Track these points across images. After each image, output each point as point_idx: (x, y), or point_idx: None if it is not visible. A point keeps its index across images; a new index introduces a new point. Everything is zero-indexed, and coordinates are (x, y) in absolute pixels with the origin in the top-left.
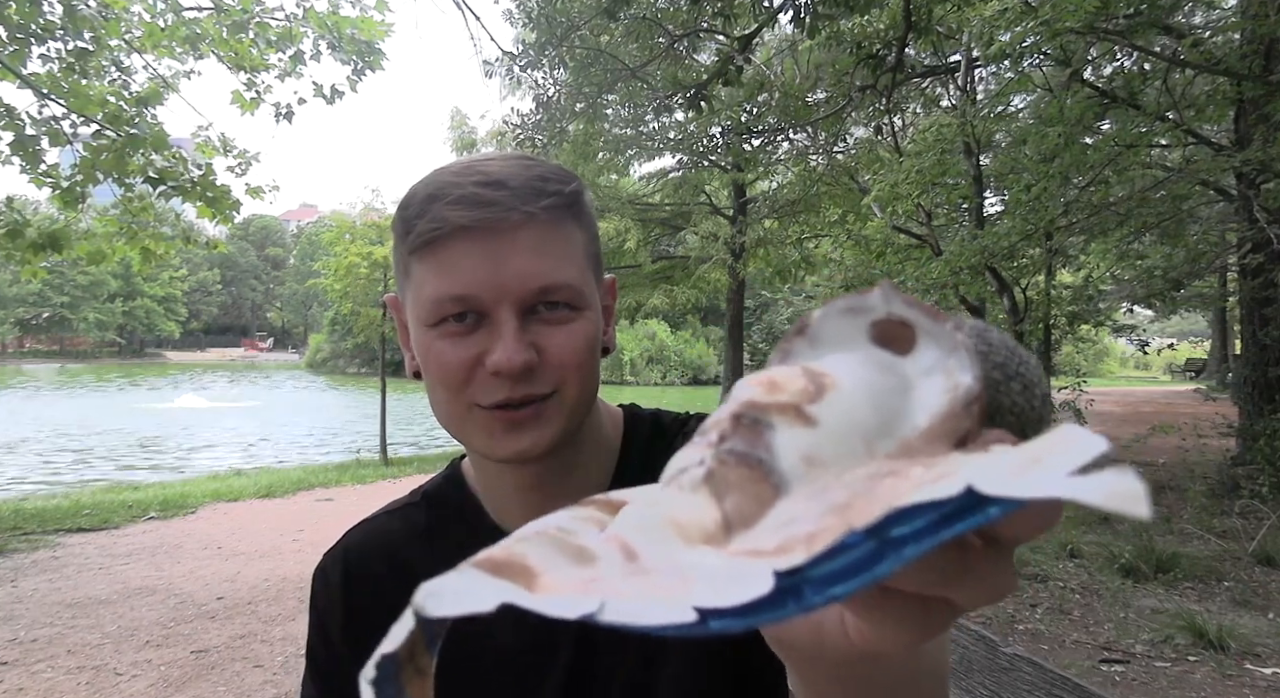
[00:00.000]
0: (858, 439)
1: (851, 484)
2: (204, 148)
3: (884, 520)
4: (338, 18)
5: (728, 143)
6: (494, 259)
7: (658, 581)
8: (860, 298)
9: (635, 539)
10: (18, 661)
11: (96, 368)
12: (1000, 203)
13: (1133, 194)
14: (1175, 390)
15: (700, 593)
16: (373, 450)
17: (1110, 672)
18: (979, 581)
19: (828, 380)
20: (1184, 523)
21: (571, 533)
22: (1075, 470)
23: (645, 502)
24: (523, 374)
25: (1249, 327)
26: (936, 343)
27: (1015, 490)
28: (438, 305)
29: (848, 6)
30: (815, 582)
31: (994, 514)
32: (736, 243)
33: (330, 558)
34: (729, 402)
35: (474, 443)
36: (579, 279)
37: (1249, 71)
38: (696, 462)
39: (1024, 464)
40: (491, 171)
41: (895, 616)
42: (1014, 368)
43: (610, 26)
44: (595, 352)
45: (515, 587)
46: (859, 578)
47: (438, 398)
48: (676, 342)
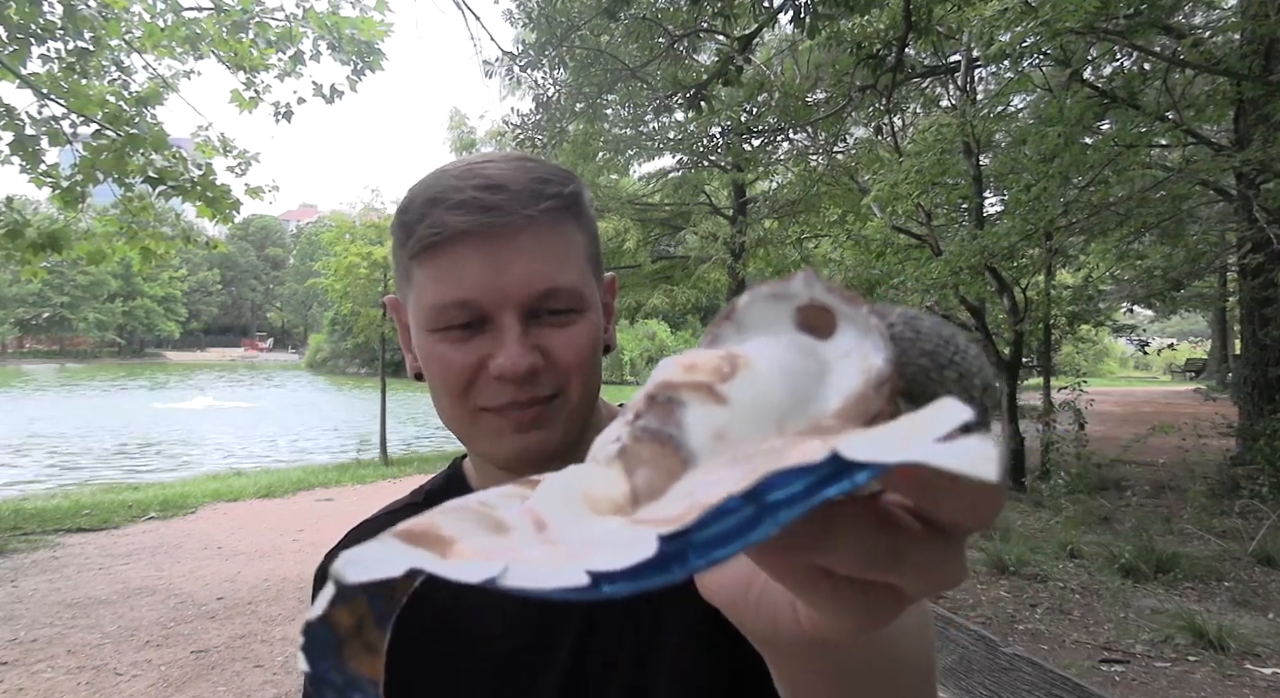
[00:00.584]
0: (769, 418)
1: (750, 457)
2: (204, 148)
3: (759, 486)
4: (337, 18)
5: (728, 143)
6: (495, 264)
7: (562, 548)
8: (784, 284)
9: (547, 511)
10: (18, 661)
11: (96, 368)
12: (1000, 203)
13: (1133, 194)
14: (1175, 390)
15: (596, 559)
16: (373, 450)
17: (1110, 672)
18: (919, 567)
19: (742, 361)
20: (1184, 523)
21: (491, 507)
22: (940, 437)
23: (562, 477)
24: (527, 378)
25: (1249, 327)
26: (854, 327)
27: (878, 456)
28: (440, 311)
29: (848, 6)
30: (698, 546)
31: (861, 480)
32: (736, 243)
33: (330, 559)
34: (648, 382)
35: (480, 446)
36: (580, 281)
37: (1249, 71)
38: (613, 439)
39: (897, 434)
40: (491, 175)
41: (837, 601)
42: (946, 357)
43: (610, 26)
44: (598, 352)
45: (429, 554)
46: (739, 541)
47: (441, 402)
48: (676, 342)
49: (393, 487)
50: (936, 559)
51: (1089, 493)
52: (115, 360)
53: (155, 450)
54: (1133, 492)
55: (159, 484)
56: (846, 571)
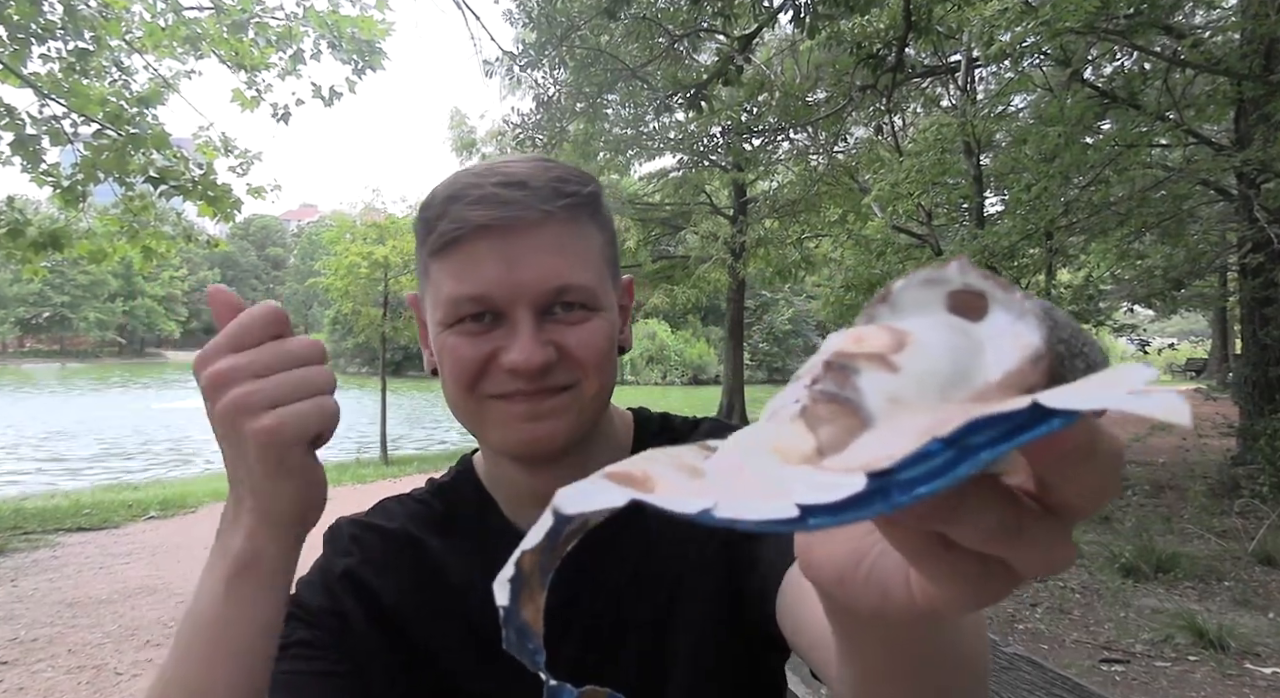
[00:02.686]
0: (935, 386)
1: (938, 416)
2: (205, 148)
3: (963, 429)
4: (338, 17)
5: (728, 143)
6: (511, 258)
7: (763, 486)
8: (938, 271)
9: (741, 459)
10: (18, 660)
11: (97, 367)
12: (1000, 202)
13: (1133, 194)
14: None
15: (801, 495)
16: (373, 450)
17: (1110, 671)
18: (1035, 545)
19: (908, 337)
20: (1184, 523)
21: (682, 458)
22: (1130, 391)
23: (748, 432)
24: (540, 372)
25: (1249, 326)
26: (1006, 310)
27: (1075, 404)
28: (455, 306)
29: (848, 6)
30: (902, 484)
31: (1056, 425)
32: (736, 243)
33: (345, 522)
34: (819, 352)
35: (490, 436)
36: (595, 280)
37: (1249, 71)
38: (793, 400)
39: (1088, 387)
40: (512, 172)
41: (955, 572)
42: (1078, 346)
43: (610, 26)
44: (613, 350)
45: (635, 490)
46: (942, 479)
47: (451, 393)
48: (677, 341)
49: (393, 486)
50: (1050, 539)
51: None
52: (116, 360)
53: (155, 450)
54: (1133, 491)
55: (159, 484)
56: (969, 542)
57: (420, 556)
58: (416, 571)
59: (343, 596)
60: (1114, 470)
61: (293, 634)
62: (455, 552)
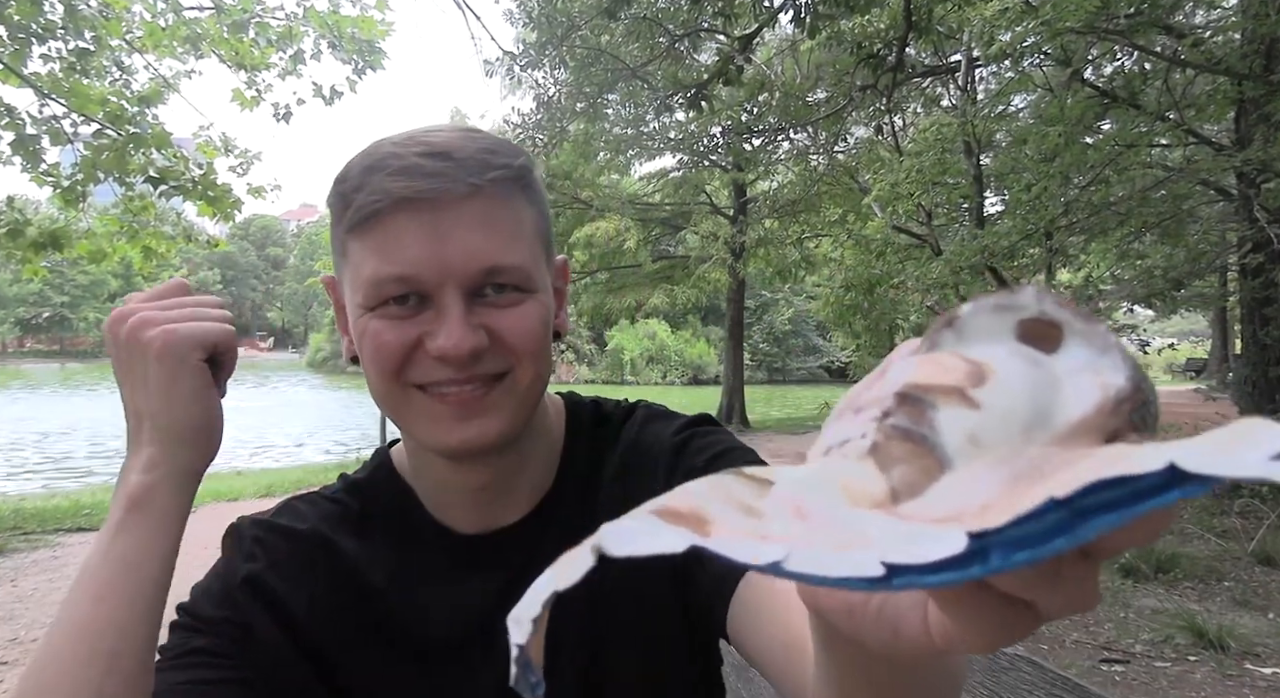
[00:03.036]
0: (1017, 425)
1: (1026, 462)
2: (205, 148)
3: (1082, 491)
4: (338, 17)
5: (728, 142)
6: (437, 235)
7: (836, 534)
8: (1012, 296)
9: (805, 498)
10: (18, 661)
11: (97, 368)
12: (1000, 202)
13: (1133, 194)
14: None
15: (885, 550)
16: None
17: (1110, 672)
18: (1065, 588)
19: (988, 368)
20: (1184, 523)
21: (731, 490)
22: (1272, 456)
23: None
24: (471, 359)
25: (1249, 326)
26: (1088, 343)
27: (1217, 470)
28: (377, 287)
29: (848, 6)
30: (1003, 545)
31: (1194, 492)
32: (737, 242)
33: (247, 523)
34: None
35: (417, 432)
36: (528, 260)
37: (1249, 71)
38: (859, 435)
39: (1218, 449)
40: (435, 142)
41: (983, 615)
42: (1149, 391)
43: (611, 26)
44: (548, 335)
45: (692, 533)
46: (1048, 546)
47: (374, 382)
48: (677, 341)
49: None
50: (1081, 580)
51: None
52: None
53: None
54: None
55: None
56: (1008, 588)
57: (333, 559)
58: (330, 575)
59: (246, 604)
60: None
61: (187, 643)
62: (372, 552)
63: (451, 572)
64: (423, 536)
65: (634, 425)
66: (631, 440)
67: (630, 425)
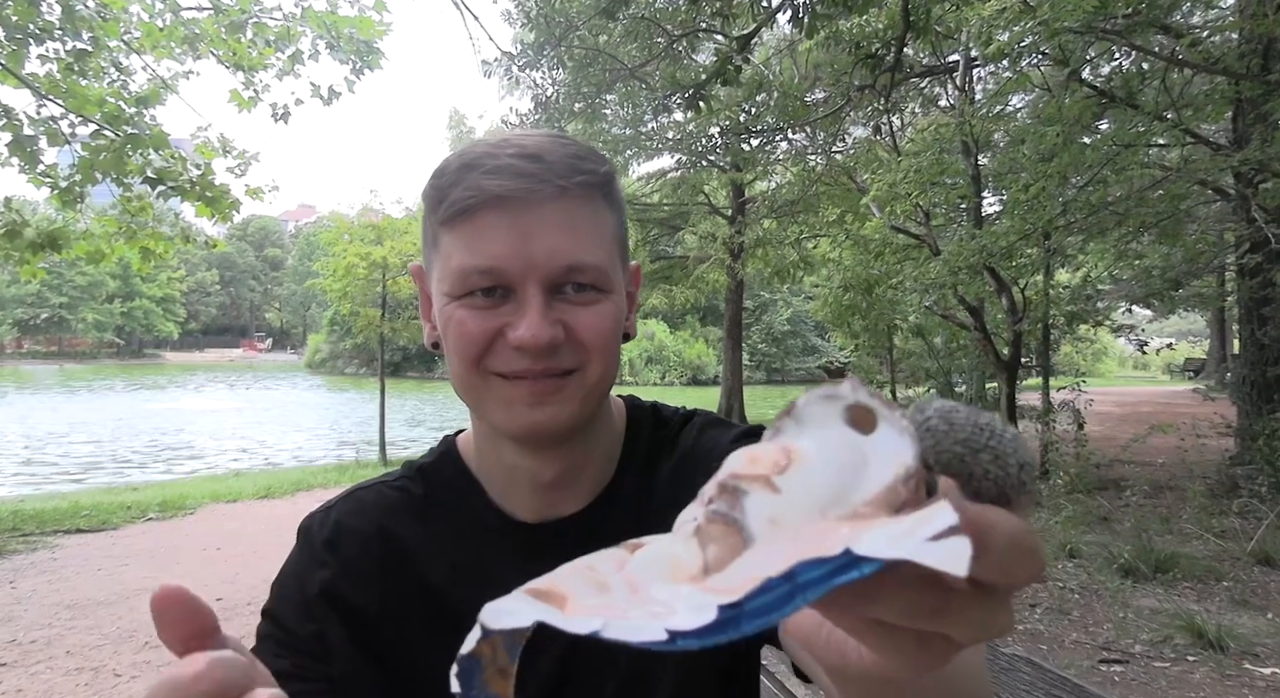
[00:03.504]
0: (815, 506)
1: (795, 540)
2: (203, 148)
3: (792, 570)
4: (336, 17)
5: (726, 143)
6: (524, 232)
7: (649, 608)
8: (835, 388)
9: (639, 576)
10: (17, 662)
11: (95, 369)
12: (998, 202)
13: (1131, 194)
14: (1174, 390)
15: (673, 619)
16: (371, 451)
17: (1110, 672)
18: (968, 620)
19: (795, 455)
20: (1183, 523)
21: (597, 570)
22: (929, 538)
23: (654, 547)
24: (546, 352)
25: (1247, 326)
26: (891, 426)
27: (879, 552)
28: (464, 277)
29: (846, 6)
30: (749, 614)
31: (867, 571)
32: (735, 243)
33: (317, 522)
34: (720, 470)
35: (491, 415)
36: (606, 261)
37: (1247, 71)
38: (691, 518)
39: (899, 533)
40: (528, 145)
41: (890, 645)
42: (981, 441)
43: (609, 26)
44: (619, 335)
45: (550, 609)
46: (777, 612)
47: (455, 368)
48: (675, 342)
49: None
50: (982, 612)
51: (1088, 493)
52: (114, 361)
53: (153, 451)
54: (1132, 492)
55: (158, 485)
56: (895, 621)
57: (398, 554)
58: (397, 572)
59: (323, 616)
60: (1019, 551)
61: (273, 664)
62: (434, 539)
63: (512, 558)
64: (485, 522)
65: (692, 430)
66: (689, 447)
67: (688, 430)
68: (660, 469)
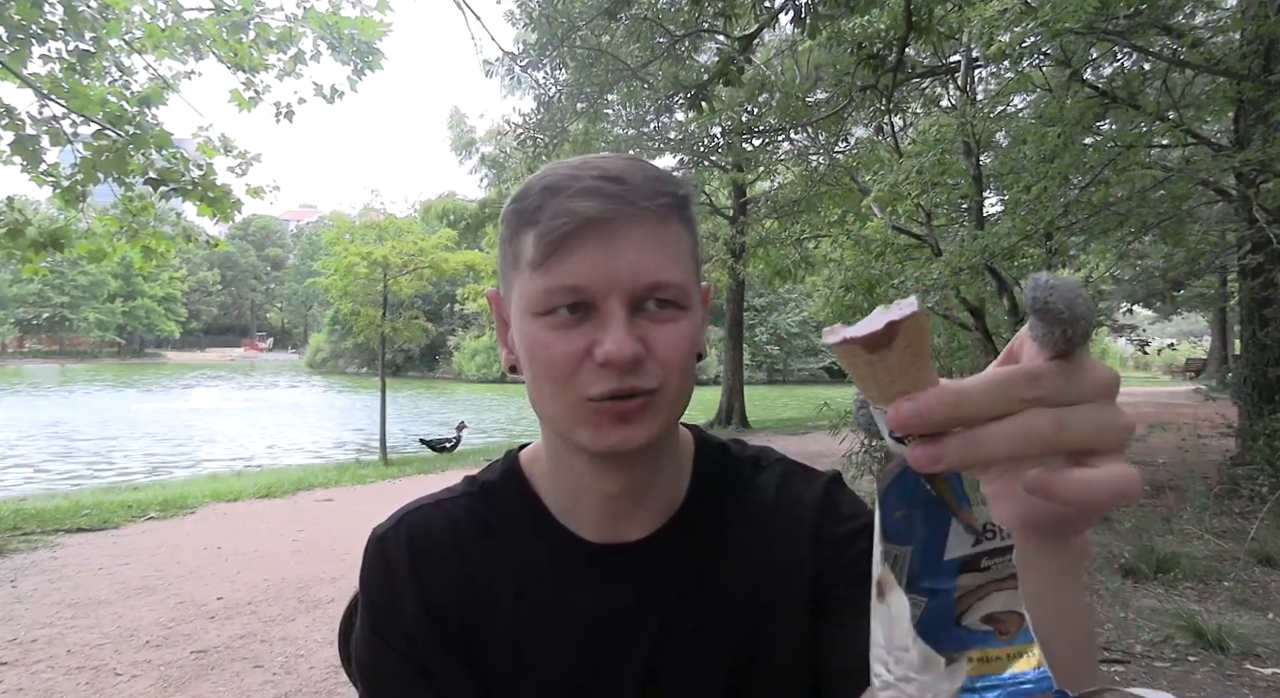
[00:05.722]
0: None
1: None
2: (205, 148)
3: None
4: (337, 18)
5: (728, 143)
6: (609, 252)
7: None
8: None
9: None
10: (17, 661)
11: (96, 368)
12: (1000, 203)
13: (1132, 194)
14: (1175, 390)
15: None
16: (372, 450)
17: (1110, 672)
18: (1081, 418)
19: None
20: (1184, 523)
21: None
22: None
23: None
24: (631, 366)
25: (1249, 327)
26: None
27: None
28: (549, 295)
29: (848, 6)
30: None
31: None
32: (737, 243)
33: (389, 540)
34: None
35: (580, 437)
36: (686, 279)
37: (1249, 71)
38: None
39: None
40: (609, 168)
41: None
42: (1041, 298)
43: (611, 26)
44: (695, 354)
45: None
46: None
47: (544, 392)
48: None
49: (393, 487)
50: (1089, 409)
51: None
52: (115, 360)
53: (154, 451)
54: None
55: (158, 484)
56: (1024, 450)
57: (469, 576)
58: (470, 594)
59: (423, 644)
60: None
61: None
62: (498, 557)
63: (576, 578)
64: (549, 540)
65: (772, 477)
66: (771, 497)
67: (766, 476)
68: (733, 507)
